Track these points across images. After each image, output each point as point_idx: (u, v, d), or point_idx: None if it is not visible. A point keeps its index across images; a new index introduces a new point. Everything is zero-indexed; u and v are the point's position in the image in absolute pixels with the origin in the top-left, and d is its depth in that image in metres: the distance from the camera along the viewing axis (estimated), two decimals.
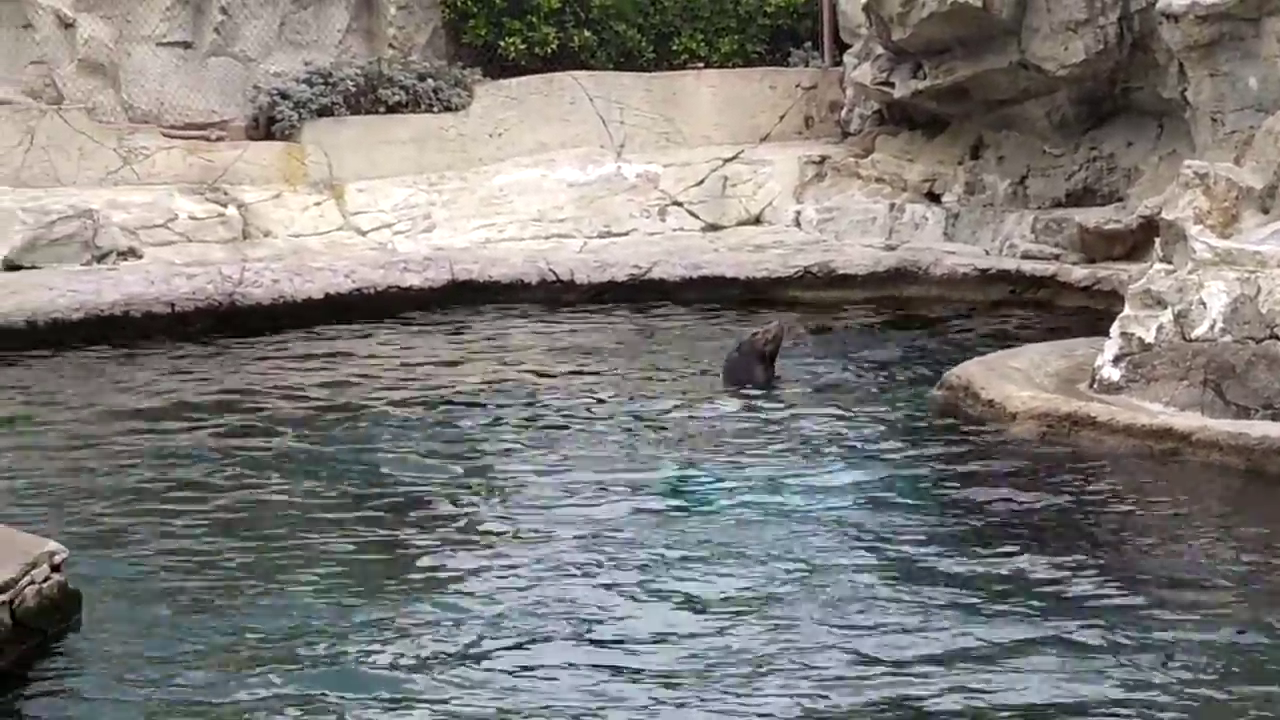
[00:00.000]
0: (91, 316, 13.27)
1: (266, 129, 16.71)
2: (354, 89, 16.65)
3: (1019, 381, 9.90)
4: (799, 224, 16.41)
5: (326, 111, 16.53)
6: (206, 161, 16.13)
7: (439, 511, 8.31)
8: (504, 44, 17.65)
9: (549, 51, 17.71)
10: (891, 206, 16.01)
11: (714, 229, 16.47)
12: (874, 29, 15.98)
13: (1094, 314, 12.40)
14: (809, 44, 18.37)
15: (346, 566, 7.38)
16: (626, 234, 16.25)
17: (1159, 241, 10.20)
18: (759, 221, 16.62)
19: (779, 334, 11.33)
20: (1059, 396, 9.58)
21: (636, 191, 16.65)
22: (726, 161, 16.99)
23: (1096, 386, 9.71)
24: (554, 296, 14.75)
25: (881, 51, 16.06)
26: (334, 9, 17.60)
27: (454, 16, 17.82)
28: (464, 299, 14.56)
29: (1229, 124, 12.53)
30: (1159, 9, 12.93)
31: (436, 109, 16.91)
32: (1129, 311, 9.80)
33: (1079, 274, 13.90)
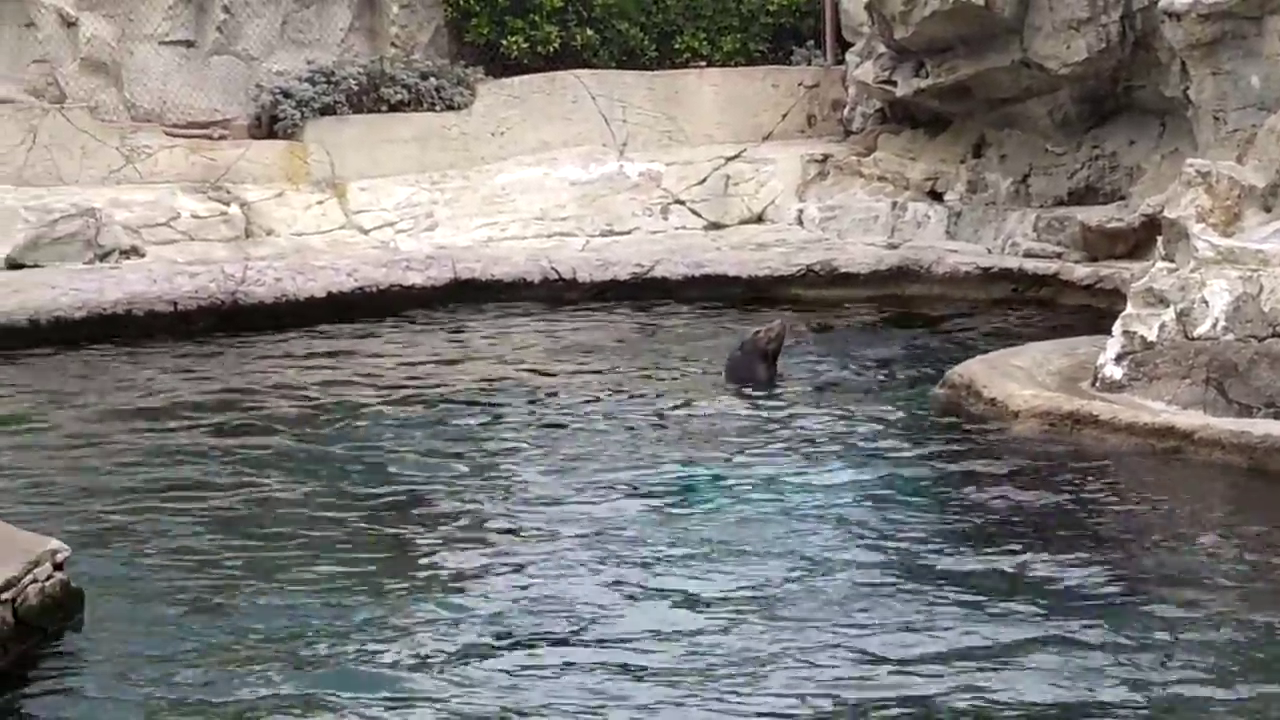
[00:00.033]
0: (94, 315, 13.27)
1: (269, 128, 16.69)
2: (356, 88, 16.64)
3: (1021, 380, 9.90)
4: (801, 222, 16.40)
5: (329, 110, 16.51)
6: (209, 160, 16.11)
7: (440, 510, 8.31)
8: (506, 43, 17.65)
9: (551, 50, 17.71)
10: (894, 205, 16.00)
11: (716, 227, 16.46)
12: (876, 27, 15.98)
13: (1096, 312, 12.39)
14: (811, 42, 18.37)
15: (347, 565, 7.38)
16: (629, 233, 16.24)
17: (1161, 240, 10.20)
18: (761, 220, 16.61)
19: (781, 332, 11.33)
20: (1061, 395, 9.57)
21: (639, 190, 16.64)
22: (729, 160, 16.97)
23: (1099, 385, 9.71)
24: (556, 295, 14.75)
25: (884, 50, 16.05)
26: (336, 8, 17.59)
27: (456, 15, 17.82)
28: (466, 298, 14.56)
29: (1231, 122, 12.52)
30: (1161, 7, 12.92)
31: (439, 108, 16.90)
32: (1131, 310, 9.80)
33: (1081, 272, 13.89)
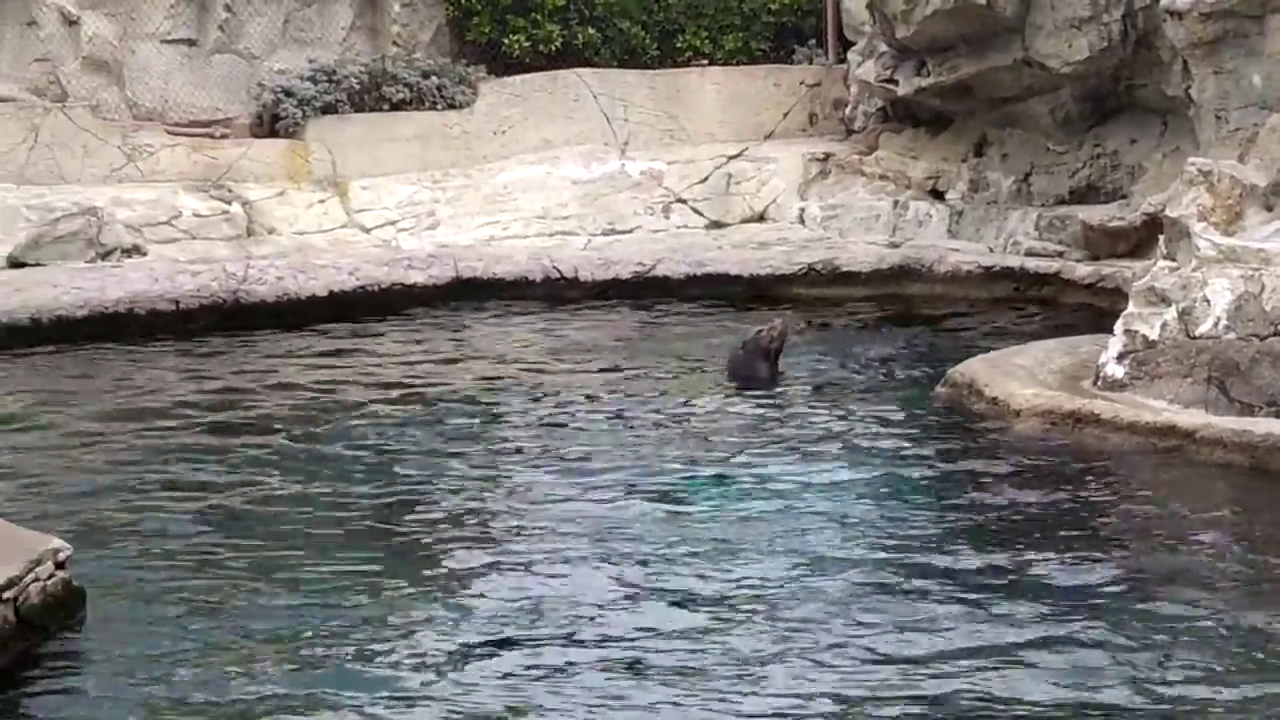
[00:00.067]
0: (96, 314, 13.29)
1: (271, 126, 16.70)
2: (358, 86, 16.65)
3: (1023, 379, 9.89)
4: (803, 221, 16.40)
5: (331, 109, 16.52)
6: (211, 159, 16.12)
7: (440, 510, 8.31)
8: (508, 41, 17.66)
9: (553, 49, 17.72)
10: (895, 204, 16.01)
11: (718, 226, 16.46)
12: (878, 26, 15.98)
13: (1098, 311, 12.40)
14: (813, 41, 18.38)
15: (347, 565, 7.38)
16: (630, 231, 16.25)
17: (1163, 239, 10.19)
18: (763, 219, 16.61)
19: (783, 331, 11.33)
20: (1063, 394, 9.57)
21: (640, 189, 16.64)
22: (730, 159, 16.98)
23: (1100, 384, 9.71)
24: (558, 294, 14.75)
25: (885, 49, 16.06)
26: (338, 6, 17.61)
27: (458, 14, 17.83)
28: (468, 296, 14.57)
29: (1233, 121, 12.52)
30: (1163, 6, 12.92)
31: (440, 106, 16.91)
32: (1133, 309, 9.79)
33: (1083, 271, 13.88)
